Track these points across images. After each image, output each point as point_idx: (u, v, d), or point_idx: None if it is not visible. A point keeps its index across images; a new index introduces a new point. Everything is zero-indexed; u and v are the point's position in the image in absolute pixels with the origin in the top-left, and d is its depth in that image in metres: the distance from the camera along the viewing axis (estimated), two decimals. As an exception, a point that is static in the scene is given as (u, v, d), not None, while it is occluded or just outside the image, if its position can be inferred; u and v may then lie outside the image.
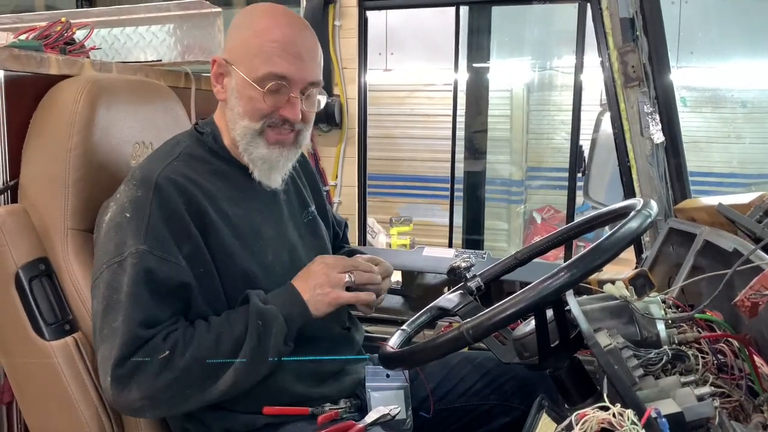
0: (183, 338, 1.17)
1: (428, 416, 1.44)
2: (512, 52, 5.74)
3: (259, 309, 1.21)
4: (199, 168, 1.30)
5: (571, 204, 2.71)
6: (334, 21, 2.34)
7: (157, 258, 1.17)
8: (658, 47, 1.77)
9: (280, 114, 1.28)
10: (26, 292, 1.27)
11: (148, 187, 1.21)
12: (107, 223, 1.23)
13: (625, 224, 0.98)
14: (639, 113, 1.78)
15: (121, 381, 1.15)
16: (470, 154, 4.39)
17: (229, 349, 1.18)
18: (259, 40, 1.26)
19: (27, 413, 1.35)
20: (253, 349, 1.18)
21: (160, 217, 1.20)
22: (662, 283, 1.60)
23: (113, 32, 1.92)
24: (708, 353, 1.07)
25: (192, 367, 1.16)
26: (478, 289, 1.32)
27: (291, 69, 1.25)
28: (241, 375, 1.19)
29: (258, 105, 1.26)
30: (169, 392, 1.16)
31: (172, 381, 1.15)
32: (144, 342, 1.15)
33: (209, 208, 1.25)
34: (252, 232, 1.30)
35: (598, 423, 0.75)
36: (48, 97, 1.39)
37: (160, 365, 1.14)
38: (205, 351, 1.17)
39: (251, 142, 1.29)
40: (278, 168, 1.33)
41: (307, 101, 1.30)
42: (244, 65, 1.27)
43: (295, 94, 1.27)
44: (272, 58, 1.25)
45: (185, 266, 1.20)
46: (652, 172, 1.79)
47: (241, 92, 1.28)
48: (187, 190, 1.24)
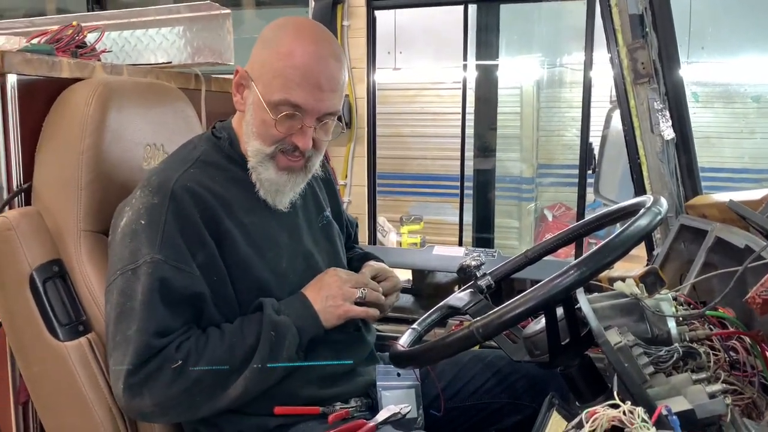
0: (196, 348, 1.18)
1: (439, 415, 1.44)
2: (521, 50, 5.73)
3: (272, 320, 1.22)
4: (215, 175, 1.29)
5: (581, 201, 2.70)
6: (343, 21, 2.35)
7: (171, 267, 1.18)
8: (667, 43, 1.76)
9: (291, 141, 1.26)
10: (40, 294, 1.29)
11: (164, 195, 1.21)
12: (122, 228, 1.23)
13: (635, 221, 0.98)
14: (649, 110, 1.77)
15: (133, 389, 1.16)
16: (480, 152, 4.38)
17: (242, 359, 1.19)
18: (281, 63, 1.22)
19: (42, 413, 1.36)
20: (264, 359, 1.20)
21: (175, 225, 1.20)
22: (673, 280, 1.59)
23: (123, 35, 1.94)
24: (720, 350, 1.06)
25: (204, 376, 1.17)
26: (488, 287, 1.32)
27: (307, 99, 1.22)
28: (252, 383, 1.20)
29: (271, 131, 1.25)
30: (181, 400, 1.17)
31: (185, 390, 1.16)
32: (157, 351, 1.16)
33: (224, 217, 1.25)
34: (267, 240, 1.30)
35: (608, 421, 0.75)
36: (60, 101, 1.40)
37: (173, 374, 1.15)
38: (218, 361, 1.18)
39: (261, 163, 1.29)
40: (284, 192, 1.32)
41: (322, 129, 1.28)
42: (262, 85, 1.25)
43: (309, 123, 1.24)
44: (290, 85, 1.22)
45: (199, 275, 1.21)
46: (663, 169, 1.78)
47: (256, 112, 1.26)
48: (203, 199, 1.24)
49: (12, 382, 1.41)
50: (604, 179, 2.20)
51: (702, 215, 1.62)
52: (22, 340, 1.32)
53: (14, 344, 1.34)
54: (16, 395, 1.41)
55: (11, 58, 1.33)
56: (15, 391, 1.41)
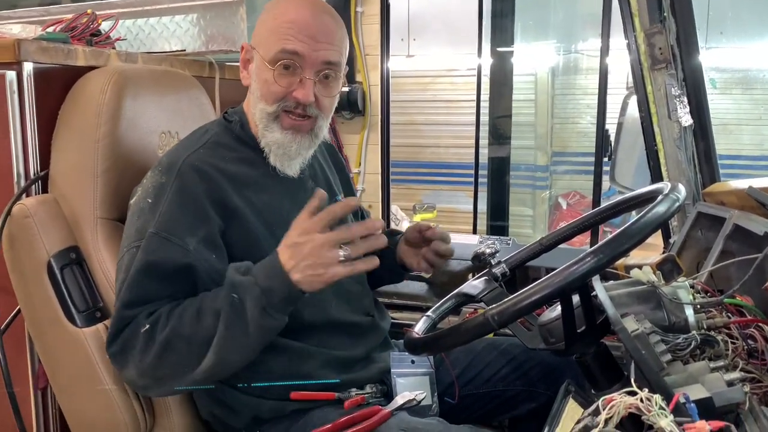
0: (167, 314, 1.16)
1: (453, 402, 1.44)
2: (537, 36, 5.68)
3: (234, 281, 1.15)
4: (225, 155, 1.31)
5: (597, 189, 2.68)
6: (356, 8, 2.34)
7: (161, 239, 1.19)
8: (686, 28, 1.73)
9: (293, 96, 1.27)
10: (58, 280, 1.30)
11: (172, 174, 1.23)
12: (132, 207, 1.26)
13: (652, 209, 0.97)
14: (666, 96, 1.74)
15: (116, 359, 1.19)
16: (494, 139, 4.35)
17: (209, 324, 1.14)
18: (276, 21, 1.27)
19: (61, 398, 1.38)
20: (230, 322, 1.13)
21: (176, 201, 1.21)
22: (690, 267, 1.57)
23: (138, 23, 1.94)
24: (738, 338, 1.05)
25: (172, 341, 1.14)
26: (503, 275, 1.32)
27: (303, 47, 1.24)
28: (223, 350, 1.14)
29: (272, 87, 1.27)
30: (160, 368, 1.17)
31: (157, 357, 1.15)
32: (129, 321, 1.17)
33: (233, 194, 1.26)
34: (277, 218, 1.31)
35: (625, 408, 0.74)
36: (75, 89, 1.41)
37: (145, 341, 1.15)
38: (187, 325, 1.15)
39: (267, 126, 1.30)
40: (292, 155, 1.32)
41: (322, 84, 1.29)
42: (262, 48, 1.28)
43: (308, 75, 1.26)
44: (285, 36, 1.25)
45: (193, 250, 1.20)
46: (680, 156, 1.76)
47: (259, 75, 1.29)
48: (210, 177, 1.25)
49: (31, 368, 1.42)
50: (620, 167, 2.18)
51: (720, 202, 1.61)
52: (41, 326, 1.34)
53: (33, 330, 1.36)
54: (35, 380, 1.43)
55: (27, 46, 1.33)
56: (34, 376, 1.43)
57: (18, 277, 1.33)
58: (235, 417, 1.30)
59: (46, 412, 1.46)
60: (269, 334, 1.18)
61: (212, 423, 1.35)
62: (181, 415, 1.36)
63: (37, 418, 1.44)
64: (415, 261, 1.51)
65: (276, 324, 1.16)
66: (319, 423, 1.20)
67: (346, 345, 1.35)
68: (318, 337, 1.32)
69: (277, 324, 1.16)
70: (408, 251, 1.52)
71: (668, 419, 0.72)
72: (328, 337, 1.32)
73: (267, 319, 1.14)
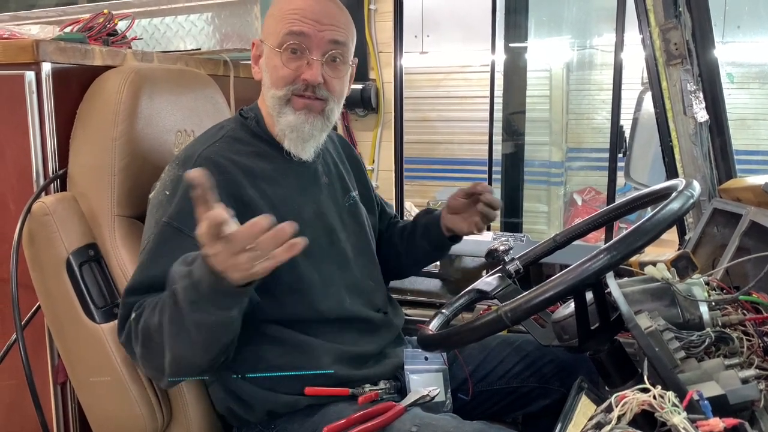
0: (148, 304, 1.16)
1: (467, 398, 1.45)
2: (551, 31, 5.63)
3: (173, 270, 1.10)
4: (241, 149, 1.33)
5: (612, 185, 2.66)
6: (370, 5, 2.34)
7: (173, 229, 1.21)
8: (702, 23, 1.71)
9: (302, 78, 1.29)
10: (77, 277, 1.32)
11: (187, 166, 1.24)
12: (151, 201, 1.29)
13: (666, 205, 0.96)
14: (682, 91, 1.73)
15: (125, 347, 1.22)
16: (508, 135, 4.34)
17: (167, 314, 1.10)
18: (281, 11, 1.31)
19: (80, 392, 1.40)
20: (170, 314, 1.08)
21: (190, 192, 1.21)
22: (706, 264, 1.56)
23: (153, 22, 1.96)
24: (753, 335, 1.04)
25: (145, 331, 1.13)
26: (516, 272, 1.32)
27: (308, 28, 1.28)
28: (172, 345, 1.10)
29: (281, 72, 1.29)
30: (148, 358, 1.17)
31: (143, 345, 1.15)
32: (129, 309, 1.19)
33: (247, 186, 1.28)
34: (291, 212, 1.32)
35: (638, 405, 0.74)
36: (93, 88, 1.43)
37: (133, 329, 1.17)
38: (154, 316, 1.12)
39: (280, 111, 1.32)
40: (306, 137, 1.33)
41: (330, 66, 1.31)
42: (270, 38, 1.32)
43: (315, 56, 1.29)
44: (291, 21, 1.28)
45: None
46: (696, 152, 1.75)
47: (268, 63, 1.32)
48: (226, 169, 1.27)
49: (51, 363, 1.45)
50: (635, 163, 2.17)
51: (736, 199, 1.59)
52: (60, 321, 1.36)
53: (52, 326, 1.38)
54: (54, 375, 1.45)
55: (45, 47, 1.35)
56: (54, 371, 1.45)
57: (38, 273, 1.35)
58: (250, 411, 1.31)
59: (65, 406, 1.48)
60: (214, 330, 1.09)
61: (228, 417, 1.36)
62: (198, 409, 1.37)
63: (57, 412, 1.47)
64: (466, 224, 1.51)
65: (212, 319, 1.06)
66: (333, 418, 1.21)
67: (359, 341, 1.36)
68: (332, 333, 1.33)
69: (213, 319, 1.06)
70: (455, 218, 1.53)
71: (681, 416, 0.72)
72: (342, 332, 1.33)
73: (199, 313, 1.05)
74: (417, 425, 1.18)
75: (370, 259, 1.48)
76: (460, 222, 1.52)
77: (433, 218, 1.57)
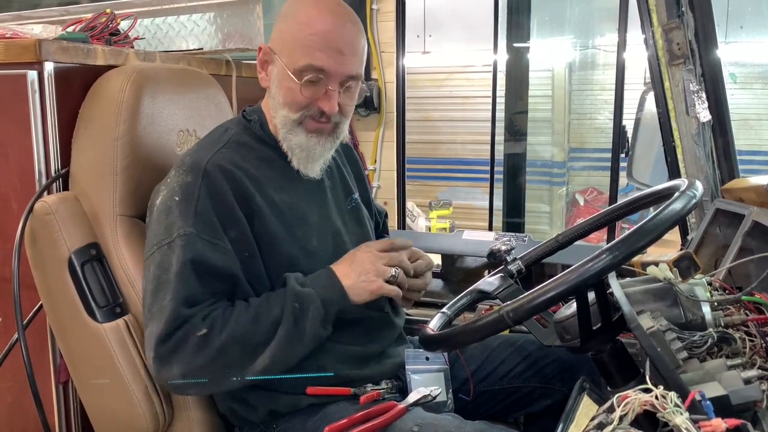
0: (222, 317, 1.20)
1: (468, 398, 1.45)
2: (553, 31, 5.64)
3: (296, 291, 1.23)
4: (246, 155, 1.32)
5: (614, 185, 2.66)
6: (372, 5, 2.34)
7: (204, 242, 1.21)
8: (704, 23, 1.71)
9: (318, 106, 1.29)
10: (79, 277, 1.32)
11: (197, 173, 1.25)
12: (158, 206, 1.27)
13: (669, 205, 0.96)
14: (684, 92, 1.73)
15: (162, 358, 1.19)
16: (511, 135, 4.34)
17: (266, 330, 1.21)
18: (301, 32, 1.26)
19: (82, 392, 1.40)
20: (289, 330, 1.21)
21: (208, 202, 1.23)
22: (708, 265, 1.56)
23: (155, 22, 1.96)
24: (756, 336, 1.04)
25: (229, 346, 1.18)
26: (518, 272, 1.32)
27: (330, 63, 1.25)
28: (278, 356, 1.21)
29: (296, 97, 1.28)
30: (207, 370, 1.19)
31: (210, 360, 1.18)
32: (184, 320, 1.19)
33: (255, 194, 1.28)
34: (296, 218, 1.32)
35: (640, 405, 0.74)
36: (95, 88, 1.43)
37: (199, 343, 1.17)
38: (243, 331, 1.19)
39: (290, 131, 1.32)
40: (315, 157, 1.34)
41: (346, 94, 1.31)
42: (285, 56, 1.28)
43: (333, 87, 1.27)
44: (312, 51, 1.25)
45: (231, 250, 1.24)
46: (698, 152, 1.75)
47: (282, 82, 1.30)
48: (235, 176, 1.27)
49: (53, 362, 1.45)
50: (637, 163, 2.17)
51: (739, 199, 1.59)
52: (62, 321, 1.36)
53: (54, 325, 1.38)
54: (56, 374, 1.45)
55: (48, 46, 1.36)
56: (56, 371, 1.45)
57: (40, 273, 1.35)
58: (252, 411, 1.31)
59: (67, 405, 1.48)
60: (319, 342, 1.26)
61: (230, 417, 1.36)
62: (200, 409, 1.37)
63: (59, 412, 1.47)
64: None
65: (327, 334, 1.26)
66: (335, 418, 1.21)
67: (361, 340, 1.36)
68: (334, 333, 1.32)
69: (327, 334, 1.26)
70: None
71: (683, 417, 0.72)
72: (344, 332, 1.33)
73: (322, 329, 1.24)
74: (418, 425, 1.18)
75: None
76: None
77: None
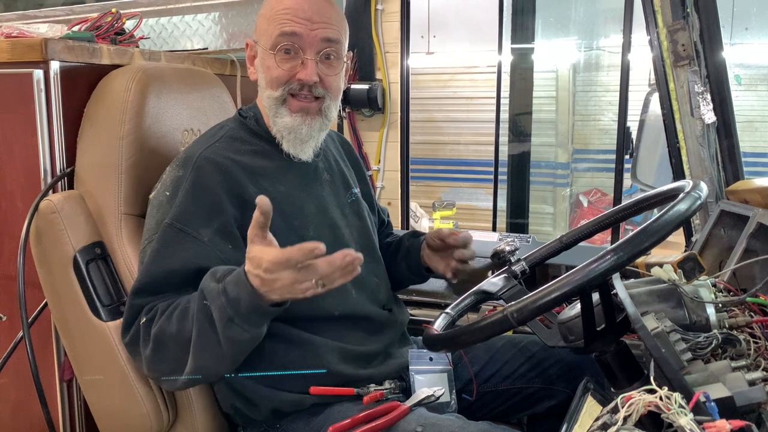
0: (162, 310, 1.17)
1: (472, 399, 1.44)
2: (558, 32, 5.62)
3: (204, 286, 1.13)
4: (240, 148, 1.33)
5: (618, 187, 2.66)
6: (377, 5, 2.34)
7: (176, 230, 1.21)
8: (709, 24, 1.71)
9: (297, 78, 1.30)
10: (84, 275, 1.33)
11: (188, 167, 1.26)
12: (151, 201, 1.29)
13: (673, 206, 0.96)
14: (689, 93, 1.72)
15: (128, 349, 1.23)
16: (515, 136, 4.33)
17: (189, 326, 1.12)
18: (272, 11, 1.31)
19: (86, 390, 1.41)
20: (201, 329, 1.11)
21: (191, 192, 1.24)
22: (713, 266, 1.56)
23: (161, 21, 1.97)
24: (760, 338, 1.04)
25: (161, 338, 1.15)
26: (522, 272, 1.31)
27: (301, 28, 1.28)
28: (198, 356, 1.12)
29: (275, 72, 1.30)
30: (158, 362, 1.18)
31: (152, 350, 1.17)
32: (138, 311, 1.20)
33: (249, 185, 1.28)
34: (293, 208, 1.33)
35: (644, 406, 0.74)
36: (100, 87, 1.43)
37: (143, 334, 1.18)
38: (173, 324, 1.14)
39: (277, 112, 1.33)
40: (303, 137, 1.34)
41: (324, 63, 1.31)
42: (262, 38, 1.32)
43: (309, 56, 1.29)
44: (283, 22, 1.28)
45: (207, 241, 1.21)
46: (703, 153, 1.74)
47: (262, 64, 1.33)
48: (227, 169, 1.27)
49: (57, 360, 1.46)
50: (641, 164, 2.16)
51: (743, 201, 1.59)
52: (67, 319, 1.36)
53: (59, 323, 1.39)
54: (61, 372, 1.46)
55: (54, 45, 1.36)
56: (60, 369, 1.46)
57: (45, 271, 1.36)
58: (255, 410, 1.31)
59: (71, 403, 1.49)
60: (245, 345, 1.14)
61: (233, 416, 1.36)
62: (203, 408, 1.38)
63: (63, 410, 1.48)
64: (441, 265, 1.51)
65: (246, 336, 1.10)
66: (338, 418, 1.21)
67: (364, 339, 1.36)
68: (336, 331, 1.33)
69: (247, 336, 1.11)
70: (432, 255, 1.52)
71: (688, 418, 0.71)
72: (347, 330, 1.33)
73: (234, 329, 1.09)
74: (422, 425, 1.18)
75: (373, 255, 1.48)
76: (438, 261, 1.51)
77: (416, 244, 1.56)
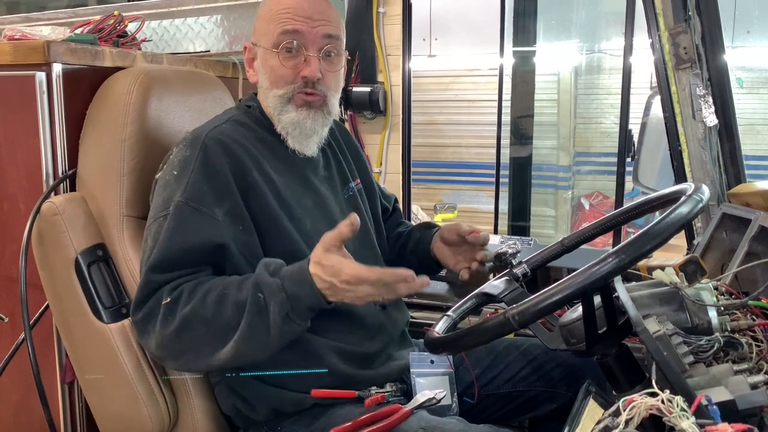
0: (189, 291, 1.18)
1: (473, 402, 1.44)
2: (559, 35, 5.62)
3: (260, 280, 1.17)
4: (246, 133, 1.35)
5: (620, 190, 2.66)
6: (378, 8, 2.34)
7: (191, 209, 1.22)
8: (711, 27, 1.71)
9: (301, 76, 1.32)
10: (85, 277, 1.33)
11: (196, 146, 1.27)
12: (158, 181, 1.30)
13: (675, 209, 0.96)
14: (691, 96, 1.72)
15: (138, 327, 1.22)
16: (516, 139, 4.33)
17: (231, 314, 1.16)
18: (272, 12, 1.33)
19: (87, 391, 1.41)
20: (252, 320, 1.15)
21: (203, 173, 1.25)
22: (715, 269, 1.56)
23: (163, 24, 1.97)
24: (762, 341, 1.04)
25: (192, 321, 1.16)
26: (524, 275, 1.31)
27: (302, 26, 1.31)
28: (243, 345, 1.16)
29: (280, 71, 1.32)
30: (176, 343, 1.18)
31: (175, 332, 1.17)
32: (155, 288, 1.19)
33: (252, 169, 1.29)
34: (294, 200, 1.34)
35: (646, 409, 0.74)
36: (102, 89, 1.44)
37: (165, 312, 1.17)
38: (208, 308, 1.16)
39: (282, 110, 1.34)
40: (308, 132, 1.36)
41: (326, 62, 1.34)
42: (264, 40, 1.34)
43: (311, 53, 1.31)
44: (284, 20, 1.31)
45: (221, 221, 1.23)
46: (705, 156, 1.74)
47: (265, 65, 1.35)
48: (233, 150, 1.29)
49: (58, 362, 1.46)
50: (643, 167, 2.16)
51: (745, 204, 1.59)
52: (68, 321, 1.36)
53: (60, 325, 1.39)
54: (62, 374, 1.46)
55: (56, 48, 1.37)
56: (61, 371, 1.46)
57: (47, 273, 1.36)
58: (256, 410, 1.31)
59: (72, 405, 1.49)
60: (290, 337, 1.19)
61: (234, 417, 1.36)
62: (204, 409, 1.38)
63: (64, 411, 1.48)
64: (451, 261, 1.51)
65: (298, 329, 1.18)
66: (340, 420, 1.21)
67: (363, 339, 1.36)
68: (336, 331, 1.32)
69: (299, 329, 1.18)
70: (444, 249, 1.52)
71: (690, 421, 0.71)
72: (346, 330, 1.33)
73: (289, 324, 1.16)
74: (423, 428, 1.18)
75: (371, 251, 1.48)
76: (449, 256, 1.52)
77: (427, 236, 1.56)
